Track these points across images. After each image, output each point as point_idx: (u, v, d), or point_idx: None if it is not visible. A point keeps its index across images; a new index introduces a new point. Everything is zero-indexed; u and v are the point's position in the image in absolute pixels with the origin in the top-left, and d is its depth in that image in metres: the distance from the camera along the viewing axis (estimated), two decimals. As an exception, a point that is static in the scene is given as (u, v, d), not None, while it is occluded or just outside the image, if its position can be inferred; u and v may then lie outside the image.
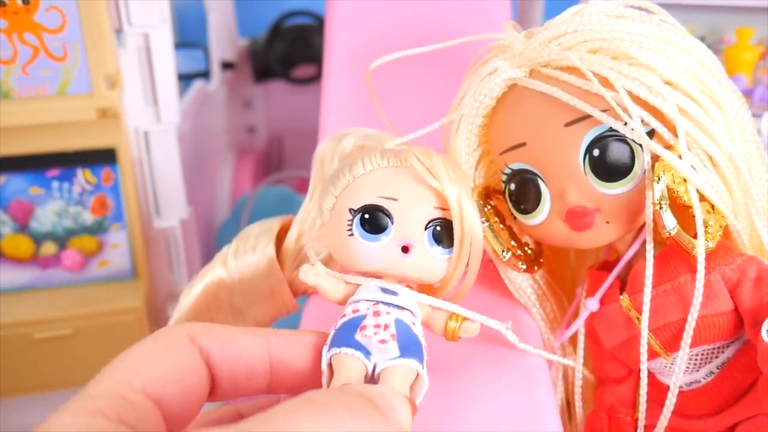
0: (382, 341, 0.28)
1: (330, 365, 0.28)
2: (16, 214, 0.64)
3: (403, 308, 0.30)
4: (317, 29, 1.04)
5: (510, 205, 0.37)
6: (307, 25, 1.07)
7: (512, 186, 0.36)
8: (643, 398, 0.35)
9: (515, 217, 0.37)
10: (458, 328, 0.31)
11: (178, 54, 0.68)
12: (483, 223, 0.36)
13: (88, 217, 0.65)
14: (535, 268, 0.38)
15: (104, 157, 0.64)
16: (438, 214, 0.31)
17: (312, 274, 0.31)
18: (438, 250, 0.31)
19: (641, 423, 0.36)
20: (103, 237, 0.66)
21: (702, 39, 0.68)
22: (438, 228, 0.31)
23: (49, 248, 0.66)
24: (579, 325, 0.38)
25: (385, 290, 0.30)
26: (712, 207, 0.34)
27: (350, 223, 0.31)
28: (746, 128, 0.35)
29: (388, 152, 0.32)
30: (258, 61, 1.07)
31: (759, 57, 0.64)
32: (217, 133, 1.03)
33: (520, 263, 0.37)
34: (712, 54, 0.35)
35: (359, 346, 0.28)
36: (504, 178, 0.36)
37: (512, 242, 0.37)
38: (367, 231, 0.30)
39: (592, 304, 0.37)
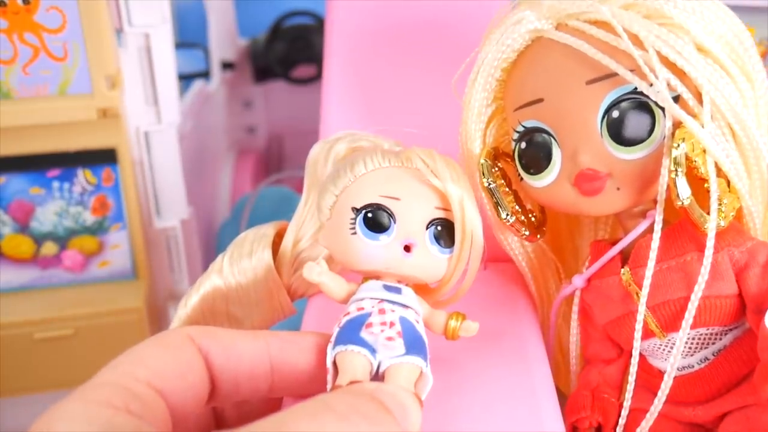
0: (389, 339, 0.28)
1: (335, 363, 0.28)
2: (17, 214, 0.64)
3: (406, 306, 0.30)
4: (317, 29, 1.04)
5: (518, 165, 0.35)
6: (307, 25, 1.07)
7: (523, 145, 0.35)
8: (632, 377, 0.33)
9: (522, 179, 0.35)
10: (459, 327, 0.31)
11: (178, 54, 0.68)
12: (489, 184, 0.35)
13: (89, 218, 0.65)
14: (538, 236, 0.37)
15: (105, 157, 0.64)
16: (439, 214, 0.31)
17: (316, 272, 0.31)
18: (439, 249, 0.31)
19: (626, 404, 0.34)
20: (103, 237, 0.66)
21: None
22: (439, 228, 0.31)
23: (49, 248, 0.66)
24: (559, 300, 0.36)
25: (388, 288, 0.30)
26: (728, 185, 0.32)
27: (353, 221, 0.31)
28: None
29: (389, 152, 0.32)
30: (258, 61, 1.07)
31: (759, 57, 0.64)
32: (217, 133, 1.03)
33: (523, 228, 0.36)
34: (746, 29, 0.34)
35: (365, 344, 0.28)
36: (515, 136, 0.35)
37: (516, 207, 0.36)
38: (370, 230, 0.31)
39: (578, 281, 0.36)
